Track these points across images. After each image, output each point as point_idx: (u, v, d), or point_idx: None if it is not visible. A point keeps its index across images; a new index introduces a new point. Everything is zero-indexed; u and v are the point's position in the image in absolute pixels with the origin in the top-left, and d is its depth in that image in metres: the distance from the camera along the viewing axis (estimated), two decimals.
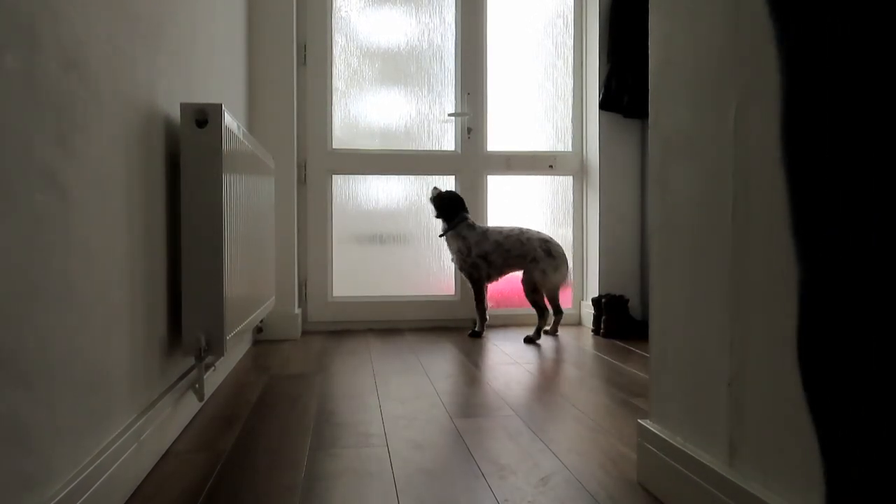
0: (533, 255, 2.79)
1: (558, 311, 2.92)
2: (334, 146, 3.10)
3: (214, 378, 1.94)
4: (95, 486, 1.02)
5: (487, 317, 2.94)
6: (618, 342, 2.76)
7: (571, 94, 3.28)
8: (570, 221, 3.30)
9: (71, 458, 0.98)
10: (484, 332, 2.90)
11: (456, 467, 1.31)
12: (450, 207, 2.89)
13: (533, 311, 2.83)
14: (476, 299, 2.89)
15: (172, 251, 1.50)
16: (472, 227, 2.87)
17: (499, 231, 2.86)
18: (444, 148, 3.20)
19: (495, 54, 3.22)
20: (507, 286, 3.10)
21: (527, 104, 3.28)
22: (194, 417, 1.65)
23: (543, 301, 2.81)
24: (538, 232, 2.87)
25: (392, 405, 1.77)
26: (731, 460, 0.98)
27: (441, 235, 2.94)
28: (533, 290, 2.79)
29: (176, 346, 1.53)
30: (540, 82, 3.28)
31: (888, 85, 0.27)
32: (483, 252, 2.83)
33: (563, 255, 2.84)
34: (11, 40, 0.81)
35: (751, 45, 0.91)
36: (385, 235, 3.18)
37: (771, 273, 0.88)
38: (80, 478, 0.97)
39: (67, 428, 0.97)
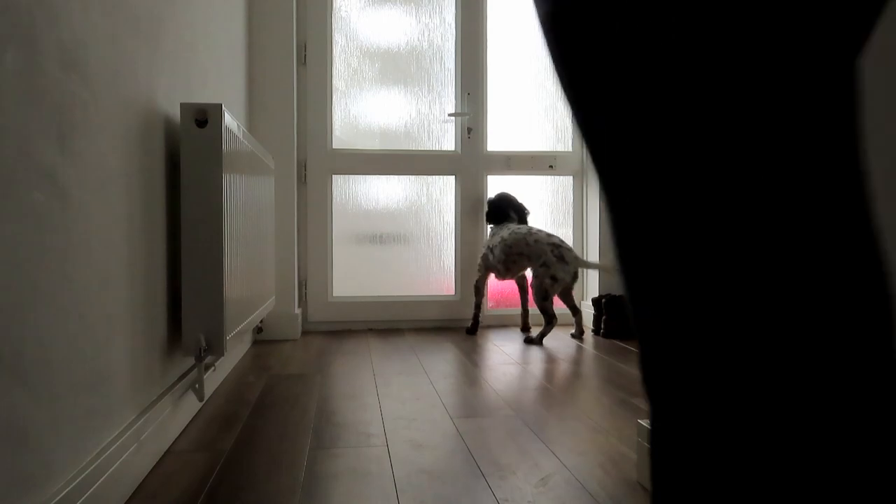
0: (543, 260, 2.74)
1: (577, 311, 2.89)
2: (334, 146, 3.10)
3: (214, 378, 1.94)
4: (95, 486, 1.02)
5: (479, 314, 2.94)
6: (618, 342, 2.76)
7: None
8: (570, 221, 3.30)
9: (71, 457, 0.98)
10: (477, 330, 2.93)
11: (456, 467, 1.31)
12: (496, 212, 2.97)
13: (535, 311, 2.82)
14: (474, 288, 2.94)
15: (172, 251, 1.51)
16: (505, 225, 2.90)
17: (509, 228, 2.86)
18: (444, 148, 3.20)
19: (495, 54, 3.22)
20: (508, 286, 3.10)
21: (527, 104, 3.28)
22: (194, 417, 1.65)
23: (552, 309, 2.74)
24: (549, 235, 2.80)
25: (392, 405, 1.77)
26: None
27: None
28: (543, 297, 2.72)
29: (176, 346, 1.53)
30: (540, 82, 3.29)
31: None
32: (492, 245, 2.86)
33: (575, 258, 2.78)
34: (11, 40, 0.81)
35: None
36: (385, 235, 3.18)
37: None
38: (81, 478, 0.97)
39: (67, 428, 0.97)
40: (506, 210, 2.96)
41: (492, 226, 3.00)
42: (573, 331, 2.88)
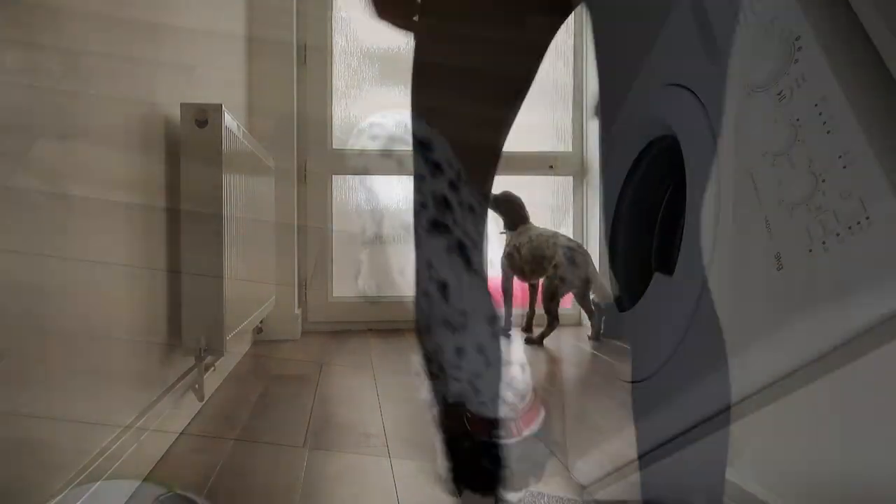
0: (555, 262, 2.73)
1: (592, 314, 2.85)
2: (334, 146, 3.10)
3: (214, 378, 1.94)
4: (96, 486, 1.02)
5: (510, 317, 2.93)
6: (617, 342, 2.75)
7: (571, 94, 3.28)
8: (571, 221, 3.30)
9: (71, 458, 0.98)
10: (510, 331, 2.89)
11: None
12: (512, 214, 2.91)
13: (541, 312, 2.80)
14: (503, 292, 2.92)
15: (172, 251, 1.50)
16: (528, 227, 2.87)
17: (536, 230, 2.84)
18: None
19: None
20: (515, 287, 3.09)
21: (527, 104, 3.27)
22: (194, 417, 1.65)
23: (557, 311, 2.72)
24: (568, 239, 2.80)
25: (392, 405, 1.77)
26: (732, 460, 0.98)
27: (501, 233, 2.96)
28: (550, 298, 2.71)
29: (176, 346, 1.53)
30: (540, 82, 3.28)
31: None
32: (518, 244, 2.80)
33: (587, 262, 2.76)
34: (11, 40, 0.81)
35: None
36: (385, 235, 3.18)
37: (764, 271, 0.87)
38: (80, 478, 0.97)
39: (67, 428, 0.97)
40: (522, 212, 2.93)
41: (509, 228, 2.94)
42: (590, 333, 2.87)
